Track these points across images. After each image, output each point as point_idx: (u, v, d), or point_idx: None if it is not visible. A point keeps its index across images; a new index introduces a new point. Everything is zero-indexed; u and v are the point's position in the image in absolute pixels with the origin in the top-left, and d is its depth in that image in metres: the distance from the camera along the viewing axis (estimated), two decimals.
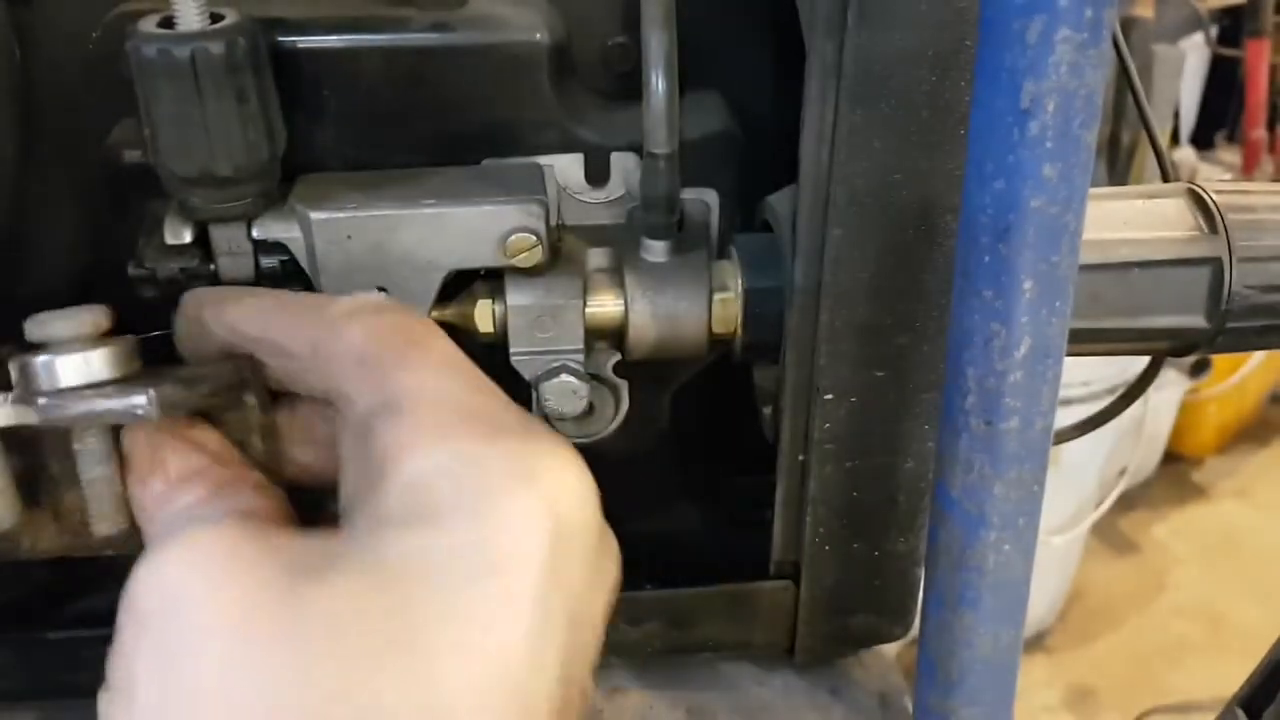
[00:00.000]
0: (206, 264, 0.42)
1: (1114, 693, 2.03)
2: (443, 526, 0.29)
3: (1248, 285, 0.43)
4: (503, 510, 0.30)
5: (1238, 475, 2.57)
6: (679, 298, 0.43)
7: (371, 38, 0.42)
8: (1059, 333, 0.30)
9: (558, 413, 0.45)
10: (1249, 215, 0.44)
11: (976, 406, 0.31)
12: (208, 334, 0.38)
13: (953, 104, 0.36)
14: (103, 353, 0.34)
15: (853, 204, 0.37)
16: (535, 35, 0.42)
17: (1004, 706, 0.36)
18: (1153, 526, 2.42)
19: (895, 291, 0.39)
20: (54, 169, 0.44)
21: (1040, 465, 0.32)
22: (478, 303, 0.43)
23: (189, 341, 0.39)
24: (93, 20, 0.41)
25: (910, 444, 0.42)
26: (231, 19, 0.38)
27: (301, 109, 0.42)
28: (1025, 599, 0.35)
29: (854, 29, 0.35)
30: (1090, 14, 0.25)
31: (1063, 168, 0.27)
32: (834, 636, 0.48)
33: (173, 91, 0.37)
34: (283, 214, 0.41)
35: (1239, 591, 2.21)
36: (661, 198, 0.42)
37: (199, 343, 0.38)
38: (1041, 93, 0.26)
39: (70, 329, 0.34)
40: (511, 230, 0.41)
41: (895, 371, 0.41)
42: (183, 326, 0.39)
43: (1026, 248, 0.28)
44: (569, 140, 0.45)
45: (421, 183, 0.42)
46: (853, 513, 0.44)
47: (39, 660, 0.46)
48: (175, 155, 0.38)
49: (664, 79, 0.39)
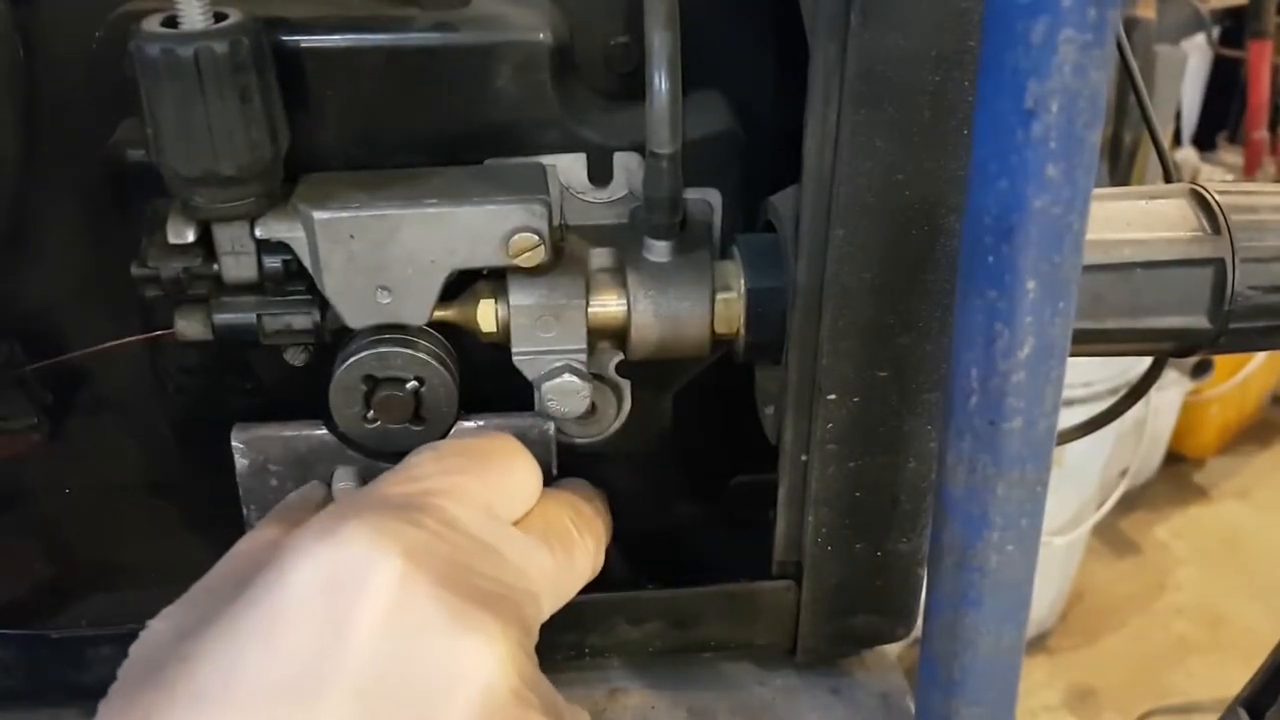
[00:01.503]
0: (209, 263, 0.42)
1: (1115, 693, 2.02)
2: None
3: (1250, 286, 0.43)
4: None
5: (1239, 476, 2.56)
6: (681, 298, 0.43)
7: (374, 37, 0.42)
8: (1062, 333, 0.30)
9: (560, 413, 0.45)
10: (1251, 216, 0.44)
11: (979, 407, 0.31)
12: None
13: (956, 104, 0.36)
14: None
15: (856, 204, 0.37)
16: (538, 35, 0.42)
17: (1006, 707, 0.36)
18: (1154, 527, 2.42)
19: (898, 291, 0.39)
20: (57, 169, 0.44)
21: (1043, 465, 0.32)
22: (480, 302, 0.43)
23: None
24: (96, 20, 0.41)
25: (913, 444, 0.42)
26: (235, 18, 0.38)
27: (304, 108, 0.42)
28: (1028, 599, 0.34)
29: (857, 29, 0.35)
30: (1094, 14, 0.25)
31: (1066, 168, 0.27)
32: (836, 636, 0.48)
33: (176, 91, 0.37)
34: (286, 213, 0.41)
35: (1241, 592, 2.20)
36: (664, 198, 0.42)
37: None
38: (1045, 93, 0.26)
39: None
40: (514, 230, 0.41)
41: (898, 371, 0.41)
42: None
43: (1030, 248, 0.28)
44: (572, 140, 0.45)
45: (424, 182, 0.42)
46: (855, 513, 0.44)
47: (41, 659, 0.46)
48: (178, 155, 0.38)
49: (667, 79, 0.39)
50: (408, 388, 0.44)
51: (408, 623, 0.33)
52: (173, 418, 0.50)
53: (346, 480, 0.47)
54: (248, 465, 0.47)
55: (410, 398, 0.44)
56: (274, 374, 0.48)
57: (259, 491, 0.48)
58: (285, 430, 0.47)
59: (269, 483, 0.47)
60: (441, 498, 0.38)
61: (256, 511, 0.48)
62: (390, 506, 0.37)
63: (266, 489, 0.48)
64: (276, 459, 0.47)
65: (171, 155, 0.38)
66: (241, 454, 0.47)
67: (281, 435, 0.47)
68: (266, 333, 0.43)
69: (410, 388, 0.44)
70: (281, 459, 0.47)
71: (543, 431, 0.48)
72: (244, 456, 0.47)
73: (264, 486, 0.48)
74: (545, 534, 0.41)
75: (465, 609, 0.35)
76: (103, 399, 0.50)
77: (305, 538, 0.35)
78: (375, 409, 0.44)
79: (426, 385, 0.44)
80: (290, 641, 0.33)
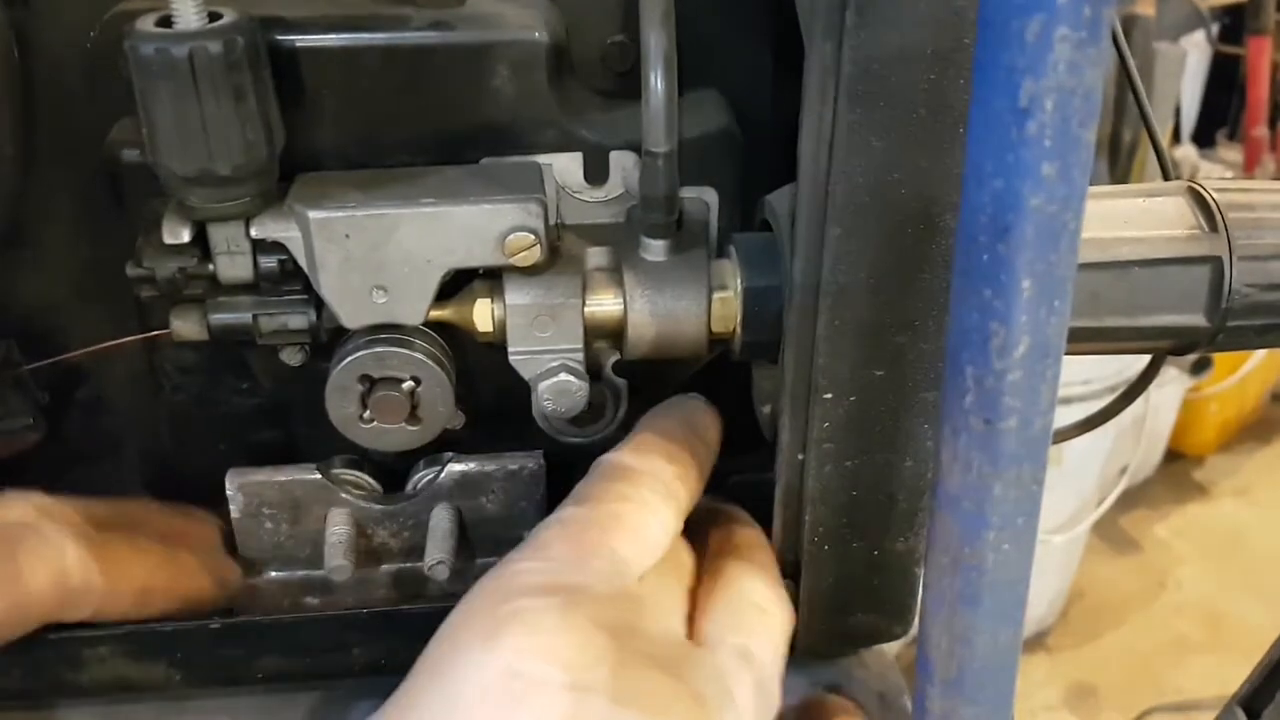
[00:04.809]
0: (205, 263, 0.42)
1: (1115, 692, 2.02)
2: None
3: (1248, 284, 0.43)
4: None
5: (1239, 474, 2.56)
6: (678, 296, 0.43)
7: (370, 36, 0.42)
8: (1058, 332, 0.30)
9: (557, 412, 0.45)
10: (1250, 213, 0.44)
11: (975, 405, 0.31)
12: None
13: (951, 103, 0.36)
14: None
15: (852, 203, 0.37)
16: (534, 34, 0.42)
17: (1004, 705, 0.36)
18: (1153, 525, 2.42)
19: (894, 290, 0.39)
20: (52, 168, 0.44)
21: (1040, 464, 0.32)
22: (476, 302, 0.43)
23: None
24: (91, 19, 0.41)
25: (910, 443, 0.42)
26: (230, 18, 0.38)
27: (300, 108, 0.42)
28: (1025, 598, 0.34)
29: (853, 28, 0.35)
30: (1089, 12, 0.25)
31: (1062, 166, 0.27)
32: (833, 635, 0.48)
33: (171, 91, 0.37)
34: (281, 213, 0.41)
35: (1240, 590, 2.20)
36: (660, 196, 0.42)
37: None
38: (1040, 91, 0.26)
39: None
40: (510, 229, 0.41)
41: (894, 370, 0.41)
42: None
43: (1025, 247, 0.28)
44: (568, 139, 0.44)
45: (420, 182, 0.42)
46: (852, 512, 0.44)
47: (41, 659, 0.46)
48: (174, 154, 0.38)
49: (663, 78, 0.39)
50: (404, 387, 0.44)
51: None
52: (170, 417, 0.50)
53: (340, 524, 0.47)
54: (242, 509, 0.48)
55: (406, 398, 0.44)
56: (270, 374, 0.48)
57: (254, 534, 0.48)
58: (279, 475, 0.47)
59: (264, 525, 0.48)
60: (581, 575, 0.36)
61: (253, 553, 0.49)
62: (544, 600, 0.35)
63: (262, 532, 0.48)
64: (271, 503, 0.48)
65: (167, 155, 0.38)
66: (236, 498, 0.47)
67: (276, 480, 0.47)
68: (262, 333, 0.43)
69: (406, 388, 0.44)
70: (276, 503, 0.48)
71: (534, 470, 0.48)
72: (238, 501, 0.47)
73: (259, 529, 0.48)
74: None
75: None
76: (99, 399, 0.50)
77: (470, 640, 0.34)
78: (371, 409, 0.44)
79: (423, 385, 0.44)
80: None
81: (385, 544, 0.49)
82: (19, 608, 0.40)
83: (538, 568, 0.36)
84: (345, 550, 0.47)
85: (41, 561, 0.40)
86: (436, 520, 0.48)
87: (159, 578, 0.46)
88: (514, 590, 0.35)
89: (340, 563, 0.47)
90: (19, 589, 0.40)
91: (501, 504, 0.49)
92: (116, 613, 0.44)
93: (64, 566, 0.41)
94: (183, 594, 0.47)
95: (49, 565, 0.41)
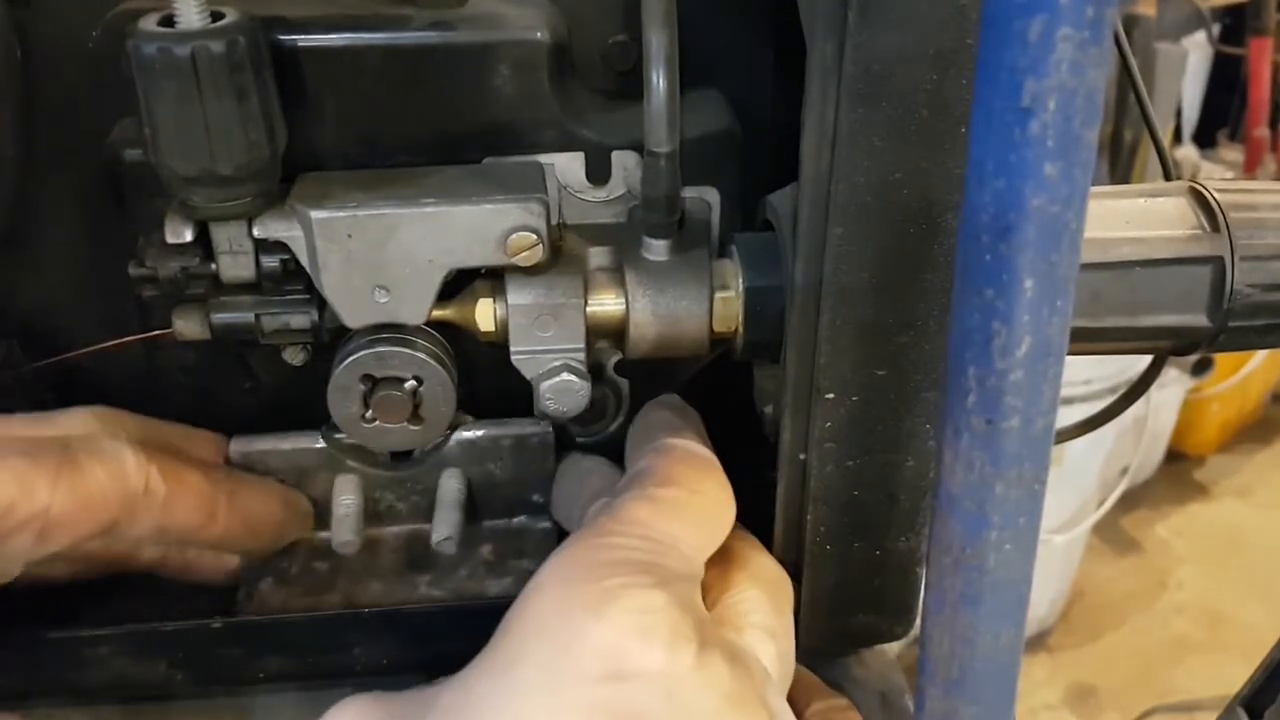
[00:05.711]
0: (207, 263, 0.42)
1: (1116, 692, 2.02)
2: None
3: (1249, 284, 0.43)
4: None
5: (1240, 474, 2.56)
6: (680, 296, 0.43)
7: (372, 36, 0.42)
8: (1060, 332, 0.29)
9: (559, 412, 0.45)
10: (1251, 214, 0.44)
11: (977, 405, 0.31)
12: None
13: (953, 102, 0.36)
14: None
15: (853, 203, 0.37)
16: (535, 34, 0.42)
17: (1005, 705, 0.36)
18: (1154, 525, 2.41)
19: (896, 290, 0.39)
20: (54, 168, 0.44)
21: (1042, 464, 0.32)
22: (478, 302, 0.43)
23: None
24: (93, 19, 0.41)
25: (911, 443, 0.42)
26: (232, 17, 0.38)
27: (302, 108, 0.42)
28: (1026, 598, 0.34)
29: (854, 28, 0.35)
30: (1091, 12, 0.25)
31: (1064, 166, 0.27)
32: (835, 635, 0.48)
33: (173, 90, 0.37)
34: (283, 213, 0.41)
35: (1241, 590, 2.20)
36: (662, 196, 0.42)
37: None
38: (1042, 91, 0.26)
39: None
40: (512, 229, 0.41)
41: (896, 370, 0.41)
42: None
43: (1027, 246, 0.28)
44: (569, 139, 0.44)
45: (422, 181, 0.42)
46: (853, 512, 0.44)
47: (41, 659, 0.46)
48: (176, 154, 0.38)
49: (665, 77, 0.39)
50: (406, 387, 0.44)
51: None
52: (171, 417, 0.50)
53: (347, 492, 0.47)
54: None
55: (408, 397, 0.44)
56: (272, 374, 0.48)
57: None
58: (284, 442, 0.47)
59: None
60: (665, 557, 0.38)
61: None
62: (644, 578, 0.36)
63: None
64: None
65: (169, 154, 0.38)
66: (240, 465, 0.47)
67: (280, 448, 0.47)
68: (264, 332, 0.43)
69: (408, 387, 0.44)
70: (281, 470, 0.47)
71: (543, 437, 0.48)
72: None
73: None
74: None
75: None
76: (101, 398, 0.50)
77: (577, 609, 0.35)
78: (373, 408, 0.44)
79: (425, 384, 0.44)
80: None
81: (393, 506, 0.49)
82: (85, 509, 0.40)
83: (634, 545, 0.38)
84: (353, 525, 0.47)
85: (101, 463, 0.41)
86: (444, 488, 0.48)
87: (221, 490, 0.45)
88: (614, 563, 0.36)
89: (348, 538, 0.47)
90: (82, 488, 0.40)
91: (510, 470, 0.49)
92: (179, 527, 0.43)
93: (124, 469, 0.41)
94: (245, 512, 0.45)
95: (109, 467, 0.41)
